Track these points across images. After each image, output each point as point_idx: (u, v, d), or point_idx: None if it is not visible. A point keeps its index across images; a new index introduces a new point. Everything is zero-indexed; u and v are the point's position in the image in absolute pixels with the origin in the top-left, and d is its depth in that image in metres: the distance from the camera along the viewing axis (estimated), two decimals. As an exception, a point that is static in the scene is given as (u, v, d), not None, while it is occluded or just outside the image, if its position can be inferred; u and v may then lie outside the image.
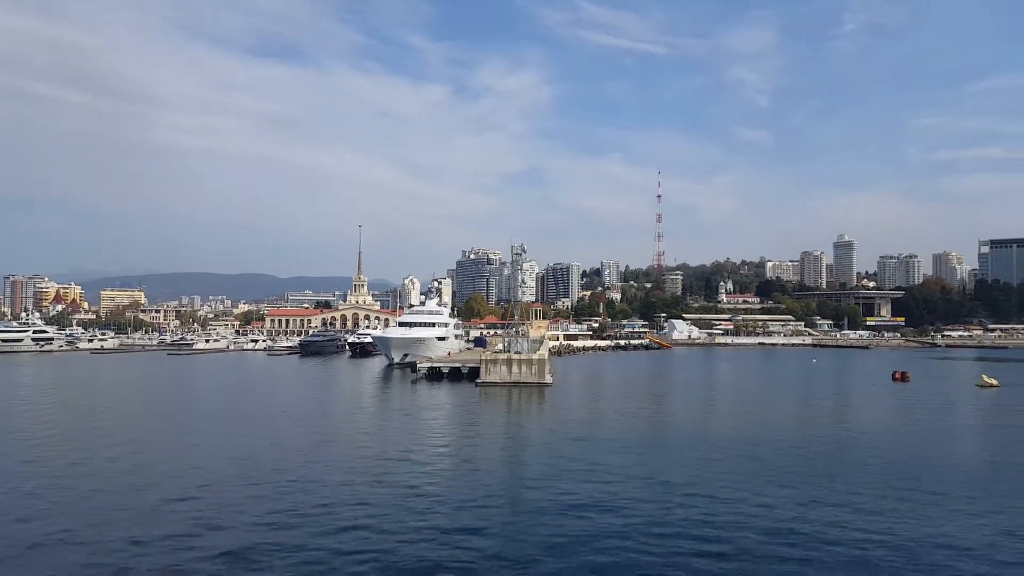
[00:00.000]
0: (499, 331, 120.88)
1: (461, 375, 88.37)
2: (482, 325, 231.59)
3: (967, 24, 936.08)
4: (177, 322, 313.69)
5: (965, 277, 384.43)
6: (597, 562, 21.92)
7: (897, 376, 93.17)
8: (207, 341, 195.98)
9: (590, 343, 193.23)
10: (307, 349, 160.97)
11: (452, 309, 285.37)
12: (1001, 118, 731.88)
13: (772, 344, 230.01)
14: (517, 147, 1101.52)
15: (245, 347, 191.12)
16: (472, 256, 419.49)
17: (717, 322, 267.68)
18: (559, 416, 56.72)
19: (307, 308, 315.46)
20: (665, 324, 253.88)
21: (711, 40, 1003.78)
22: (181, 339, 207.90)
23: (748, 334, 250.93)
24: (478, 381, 79.71)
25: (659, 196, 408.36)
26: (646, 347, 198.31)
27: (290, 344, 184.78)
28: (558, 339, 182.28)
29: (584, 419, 54.98)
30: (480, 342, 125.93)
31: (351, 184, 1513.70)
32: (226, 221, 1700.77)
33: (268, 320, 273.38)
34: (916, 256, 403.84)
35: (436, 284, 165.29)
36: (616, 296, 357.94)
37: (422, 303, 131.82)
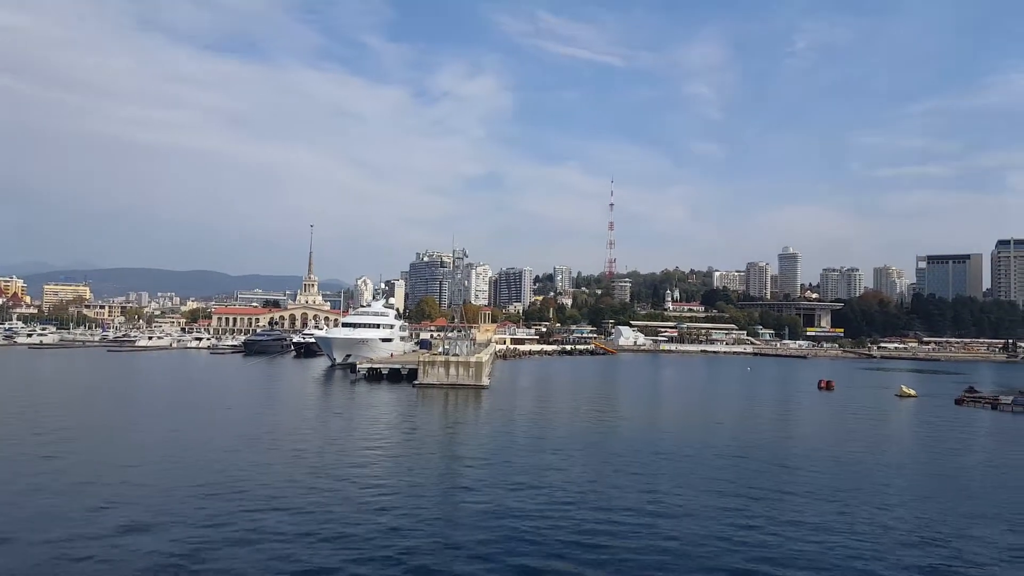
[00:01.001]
0: (448, 334, 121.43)
1: (400, 376, 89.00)
2: (433, 327, 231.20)
3: (910, 47, 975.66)
4: (122, 318, 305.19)
5: (904, 291, 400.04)
6: (519, 562, 22.79)
7: (822, 385, 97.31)
8: (150, 338, 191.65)
9: (537, 347, 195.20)
10: (251, 348, 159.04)
11: (404, 311, 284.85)
12: (940, 137, 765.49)
13: (715, 352, 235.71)
14: (476, 152, 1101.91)
15: (189, 345, 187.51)
16: (426, 258, 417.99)
17: (663, 329, 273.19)
18: (490, 418, 58.07)
19: (255, 307, 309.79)
20: (613, 330, 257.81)
21: (666, 54, 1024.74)
22: (124, 336, 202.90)
23: (692, 342, 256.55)
24: (415, 383, 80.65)
25: (611, 204, 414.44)
26: (592, 352, 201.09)
27: (234, 343, 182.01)
28: (505, 343, 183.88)
29: (514, 420, 56.40)
30: (425, 344, 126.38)
31: (307, 183, 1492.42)
32: (178, 217, 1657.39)
33: (215, 318, 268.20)
34: (857, 269, 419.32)
35: (383, 286, 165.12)
36: (568, 302, 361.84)
37: (367, 305, 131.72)
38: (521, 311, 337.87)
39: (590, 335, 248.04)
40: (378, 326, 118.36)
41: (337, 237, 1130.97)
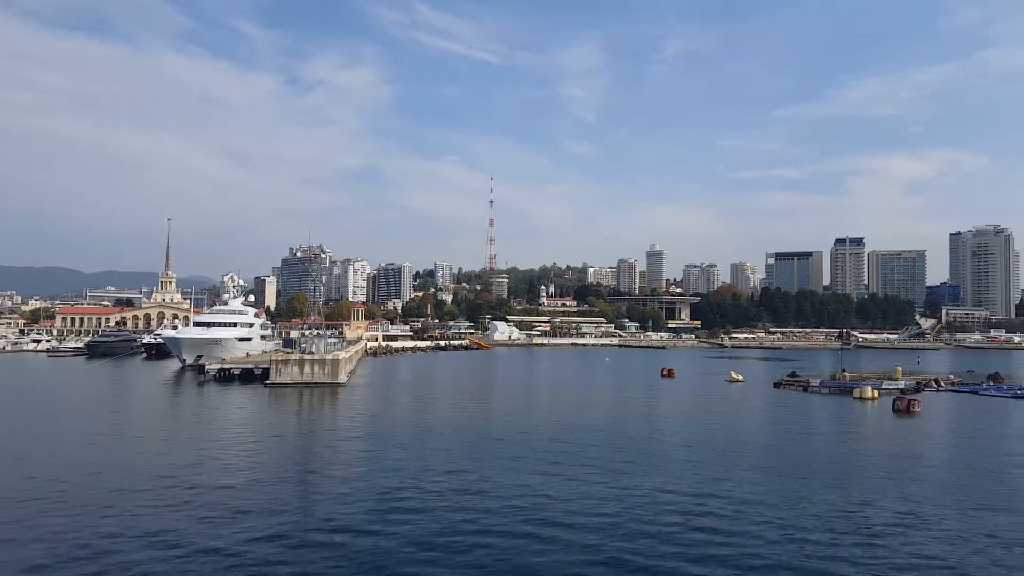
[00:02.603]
0: (306, 332, 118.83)
1: (254, 376, 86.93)
2: (304, 325, 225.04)
3: (770, 57, 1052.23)
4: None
5: (757, 285, 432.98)
6: (372, 554, 23.41)
7: (664, 373, 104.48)
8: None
9: (411, 344, 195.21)
10: (96, 350, 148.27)
11: (275, 309, 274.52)
12: (795, 142, 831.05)
13: (584, 344, 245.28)
14: (353, 143, 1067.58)
15: (25, 348, 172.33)
16: (299, 254, 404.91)
17: (537, 324, 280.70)
18: (340, 414, 58.64)
19: (106, 306, 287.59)
20: (489, 325, 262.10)
21: (544, 54, 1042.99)
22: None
23: (564, 335, 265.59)
24: (267, 383, 79.20)
25: (491, 201, 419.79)
26: (466, 348, 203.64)
27: (78, 345, 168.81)
28: (377, 340, 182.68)
29: (364, 416, 57.13)
30: (289, 343, 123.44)
31: (171, 172, 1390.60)
32: (22, 208, 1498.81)
33: (59, 318, 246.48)
34: (716, 265, 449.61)
35: (240, 282, 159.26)
36: (448, 298, 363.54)
37: (225, 302, 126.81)
38: (399, 308, 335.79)
39: (468, 331, 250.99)
40: (235, 325, 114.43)
41: (204, 231, 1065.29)
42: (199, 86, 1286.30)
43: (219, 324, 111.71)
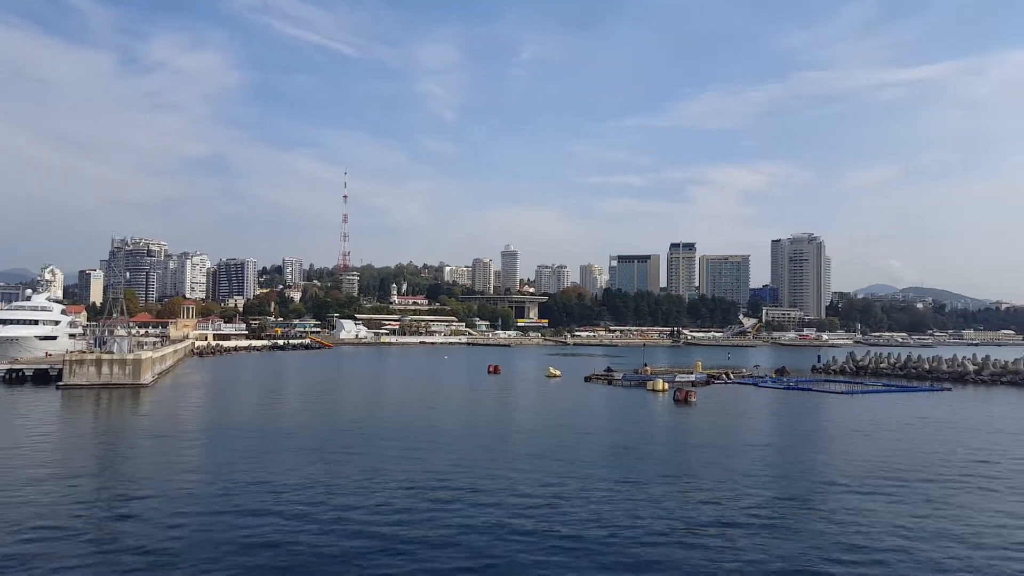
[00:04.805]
0: (108, 331, 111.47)
1: (49, 377, 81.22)
2: (132, 324, 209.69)
3: (617, 69, 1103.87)
4: None
5: (603, 286, 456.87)
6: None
7: (491, 369, 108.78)
8: None
9: (245, 343, 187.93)
10: None
11: (101, 305, 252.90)
12: (638, 152, 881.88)
13: (433, 343, 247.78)
14: (198, 131, 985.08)
15: None
16: (130, 246, 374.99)
17: (387, 322, 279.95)
18: (132, 417, 56.82)
19: None
20: (336, 324, 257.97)
21: (401, 49, 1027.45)
22: None
23: (413, 334, 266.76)
24: (59, 384, 74.51)
25: (345, 196, 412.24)
26: (307, 347, 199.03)
27: None
28: (207, 339, 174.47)
29: (155, 418, 55.52)
30: (100, 343, 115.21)
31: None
32: None
33: None
34: (565, 266, 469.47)
35: (49, 276, 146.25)
36: (297, 295, 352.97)
37: (28, 297, 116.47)
38: (241, 305, 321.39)
39: (314, 329, 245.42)
40: (36, 322, 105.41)
41: (25, 220, 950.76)
42: (17, 61, 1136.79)
43: (15, 321, 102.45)
